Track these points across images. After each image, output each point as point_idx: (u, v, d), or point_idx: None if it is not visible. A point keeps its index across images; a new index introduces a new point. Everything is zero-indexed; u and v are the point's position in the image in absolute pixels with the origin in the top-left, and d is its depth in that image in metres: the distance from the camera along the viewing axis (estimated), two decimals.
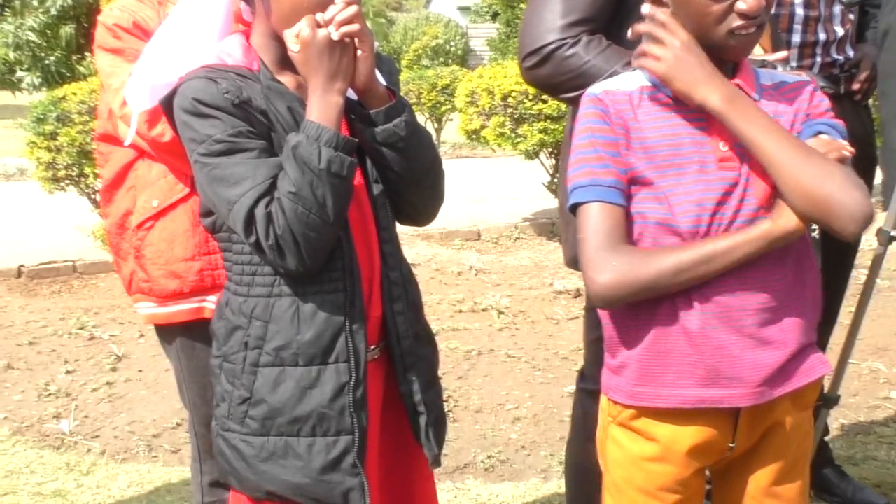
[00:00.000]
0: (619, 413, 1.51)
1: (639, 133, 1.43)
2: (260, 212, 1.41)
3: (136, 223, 2.00)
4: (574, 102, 1.95)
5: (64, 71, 11.07)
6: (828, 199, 1.33)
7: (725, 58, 1.42)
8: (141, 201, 2.00)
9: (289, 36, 1.46)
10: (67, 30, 11.10)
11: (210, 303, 1.97)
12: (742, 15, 1.36)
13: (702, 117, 1.42)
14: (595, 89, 1.48)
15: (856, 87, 2.52)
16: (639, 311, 1.44)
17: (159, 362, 4.18)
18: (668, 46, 1.38)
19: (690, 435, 1.46)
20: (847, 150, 1.42)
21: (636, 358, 1.46)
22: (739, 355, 1.41)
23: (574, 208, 1.45)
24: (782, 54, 1.81)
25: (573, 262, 2.11)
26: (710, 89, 1.37)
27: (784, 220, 1.37)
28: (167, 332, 2.09)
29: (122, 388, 3.93)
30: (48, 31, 11.11)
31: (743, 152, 1.40)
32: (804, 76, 1.54)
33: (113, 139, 2.02)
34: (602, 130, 1.43)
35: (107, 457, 3.30)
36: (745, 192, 1.41)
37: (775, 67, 1.76)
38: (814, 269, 1.50)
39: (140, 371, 4.12)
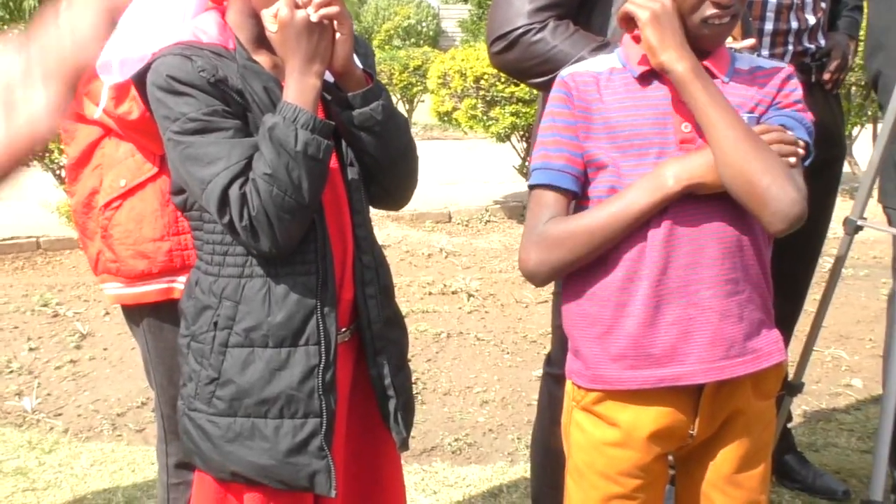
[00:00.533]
0: (583, 397, 1.52)
1: (602, 114, 1.44)
2: (234, 192, 1.39)
3: (102, 202, 1.96)
4: (541, 87, 1.95)
5: None
6: (763, 192, 1.34)
7: (699, 46, 1.42)
8: (108, 180, 1.96)
9: (266, 15, 1.44)
10: (31, 2, 10.91)
11: (179, 283, 1.94)
12: (716, 4, 1.37)
13: (667, 97, 1.43)
14: (564, 72, 1.50)
15: (826, 76, 2.54)
16: (593, 292, 1.46)
17: (125, 340, 4.14)
18: (655, 1, 1.39)
19: (651, 420, 1.47)
20: (799, 150, 1.43)
21: (594, 341, 1.47)
22: (696, 329, 1.42)
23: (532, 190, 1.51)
24: (749, 42, 1.81)
25: None
26: (678, 55, 1.38)
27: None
28: (134, 312, 2.06)
29: (87, 367, 3.89)
30: (11, 4, 10.90)
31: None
32: (783, 63, 1.55)
33: (78, 116, 1.98)
34: (561, 114, 1.47)
35: (70, 435, 3.27)
36: None
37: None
38: (767, 249, 1.51)
39: (105, 349, 4.08)
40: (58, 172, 5.52)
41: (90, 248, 2.06)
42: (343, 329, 1.58)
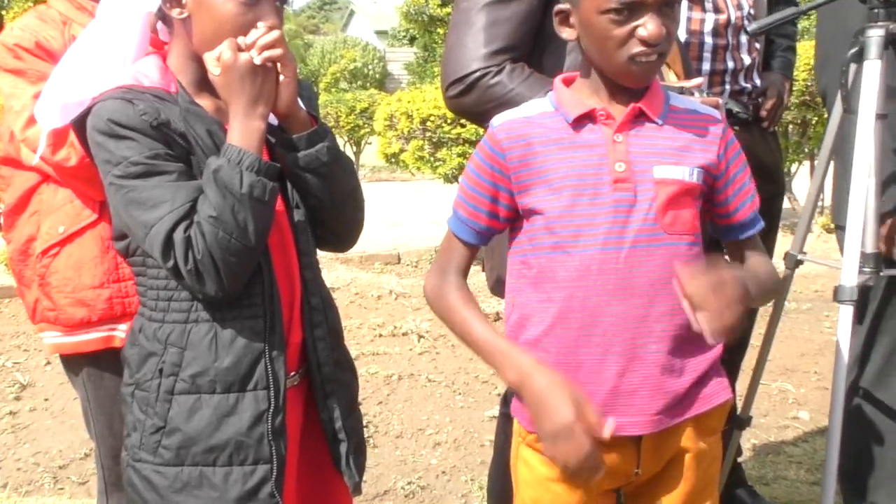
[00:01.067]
0: (527, 435, 1.50)
1: (535, 159, 1.42)
2: (178, 236, 1.37)
3: (40, 250, 1.92)
4: None
5: None
6: None
7: (626, 84, 1.42)
8: (45, 227, 1.92)
9: (209, 59, 1.44)
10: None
11: (120, 331, 1.91)
12: (643, 42, 1.36)
13: (602, 139, 1.42)
14: (495, 121, 1.48)
15: (763, 114, 2.61)
16: (540, 339, 1.44)
17: (66, 391, 4.03)
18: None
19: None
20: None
21: None
22: (640, 383, 1.41)
23: None
24: (698, 80, 1.85)
25: (496, 286, 2.11)
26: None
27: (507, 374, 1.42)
28: (73, 362, 2.01)
29: (27, 418, 3.78)
30: None
31: (640, 172, 1.41)
32: (716, 111, 1.57)
33: (15, 162, 1.94)
34: (481, 169, 1.47)
35: (9, 490, 3.16)
36: (646, 214, 1.41)
37: (692, 94, 1.80)
38: None
39: (46, 400, 3.97)
40: None
41: (27, 297, 2.01)
42: (292, 373, 1.56)
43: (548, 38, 1.88)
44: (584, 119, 1.43)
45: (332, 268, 6.12)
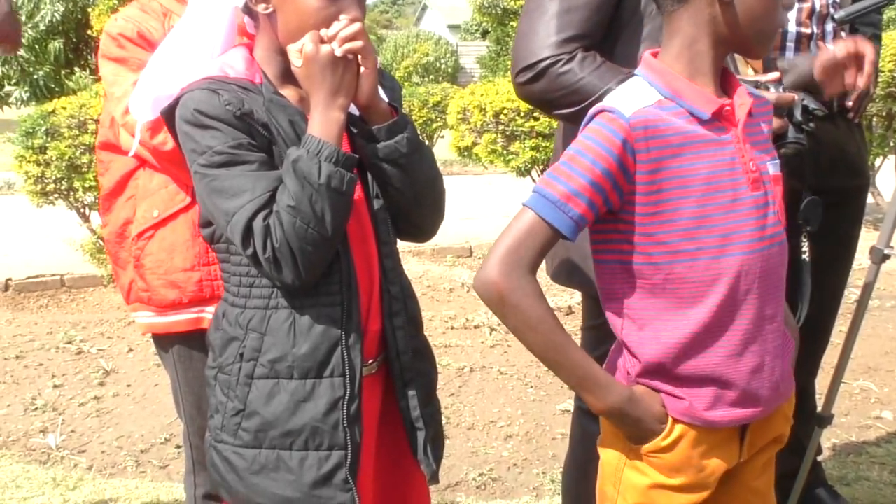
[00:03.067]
0: (630, 452, 1.45)
1: (670, 159, 1.34)
2: (258, 224, 1.40)
3: (135, 232, 1.99)
4: (568, 119, 1.94)
5: (52, 85, 11.08)
6: None
7: (757, 55, 1.45)
8: (141, 211, 1.99)
9: (292, 51, 1.46)
10: (56, 44, 11.11)
11: (208, 313, 1.96)
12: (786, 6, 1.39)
13: (728, 136, 1.37)
14: (624, 109, 1.34)
15: (849, 104, 2.53)
16: (678, 345, 1.39)
17: (148, 377, 4.15)
18: None
19: (727, 459, 1.45)
20: None
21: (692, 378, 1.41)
22: (766, 376, 1.42)
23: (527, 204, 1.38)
24: (775, 75, 1.81)
25: (556, 274, 2.10)
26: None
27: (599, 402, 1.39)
28: (165, 341, 2.08)
29: (110, 403, 3.90)
30: (37, 46, 11.11)
31: (762, 169, 1.40)
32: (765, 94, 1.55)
33: (114, 147, 2.02)
34: (603, 160, 1.33)
35: (94, 472, 3.27)
36: (775, 213, 1.41)
37: (768, 88, 1.76)
38: None
39: (129, 386, 4.09)
40: (82, 210, 5.58)
41: (123, 278, 2.08)
42: (370, 361, 1.58)
43: (621, 28, 1.86)
44: (715, 115, 1.37)
45: (404, 260, 6.10)
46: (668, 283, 1.38)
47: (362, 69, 1.48)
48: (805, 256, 1.92)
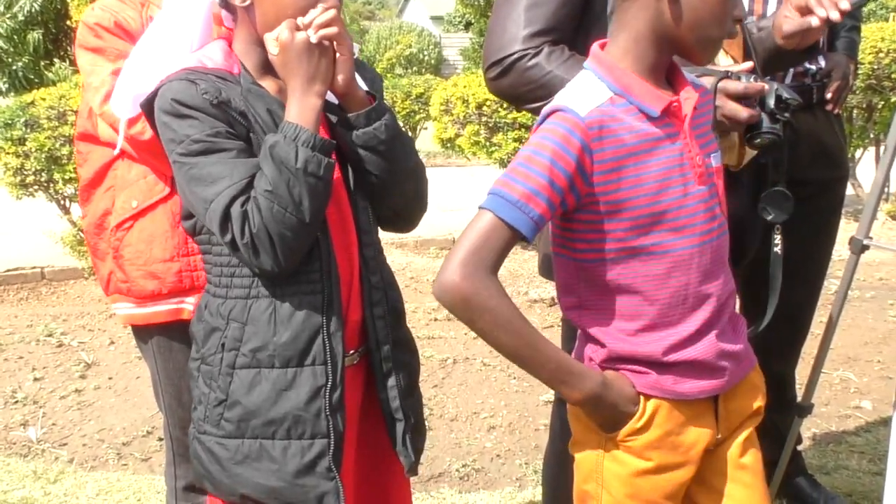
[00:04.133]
0: (608, 441, 1.46)
1: (626, 158, 1.34)
2: (236, 210, 1.40)
3: (114, 223, 1.98)
4: (538, 112, 1.94)
5: (32, 77, 10.97)
6: None
7: (699, 60, 1.42)
8: (120, 201, 1.98)
9: (268, 39, 1.47)
10: (35, 35, 10.99)
11: (188, 304, 1.96)
12: (736, 20, 1.40)
13: (676, 131, 1.38)
14: (579, 109, 1.34)
15: (828, 96, 2.54)
16: (639, 333, 1.42)
17: (129, 369, 4.12)
18: None
19: (707, 432, 1.47)
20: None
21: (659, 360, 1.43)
22: (729, 348, 1.46)
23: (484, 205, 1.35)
24: (748, 65, 1.80)
25: (541, 267, 2.11)
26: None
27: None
28: (144, 333, 2.07)
29: (92, 396, 3.88)
30: (15, 37, 10.99)
31: (707, 162, 1.42)
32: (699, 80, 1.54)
33: (93, 138, 2.01)
34: (562, 159, 1.31)
35: (75, 465, 3.25)
36: (719, 205, 1.44)
37: (739, 78, 1.76)
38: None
39: (110, 378, 4.07)
40: (62, 202, 5.54)
41: (102, 269, 2.07)
42: (351, 351, 1.58)
43: (593, 21, 1.86)
44: (664, 111, 1.37)
45: (387, 252, 6.07)
46: (622, 278, 1.40)
47: (338, 56, 1.48)
48: (777, 249, 1.93)
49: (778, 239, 1.92)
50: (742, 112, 1.59)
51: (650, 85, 1.37)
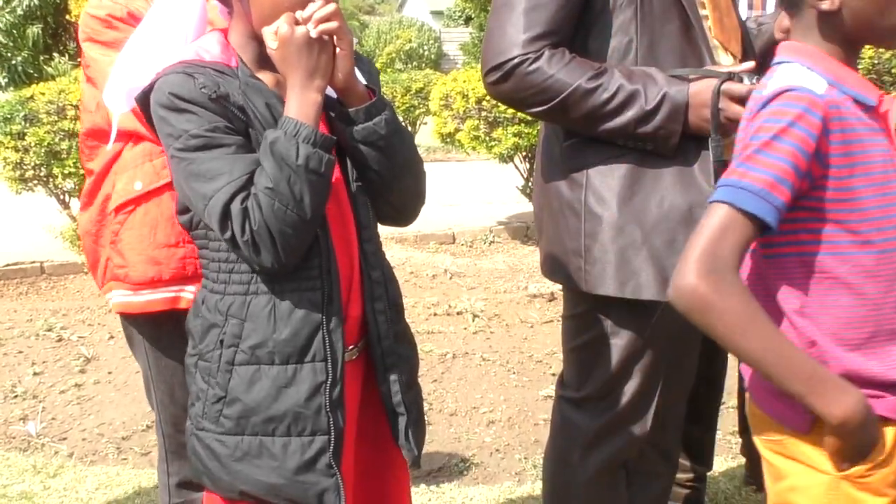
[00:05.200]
0: (842, 473, 1.30)
1: (855, 143, 1.27)
2: (236, 207, 1.39)
3: (113, 206, 1.95)
4: (541, 117, 1.91)
5: (31, 71, 10.96)
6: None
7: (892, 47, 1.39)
8: (120, 184, 1.95)
9: (267, 33, 1.45)
10: (34, 30, 10.99)
11: (188, 292, 1.93)
12: None
13: (881, 126, 1.32)
14: (815, 87, 1.26)
15: None
16: (863, 344, 1.31)
17: (129, 364, 4.12)
18: None
19: None
20: None
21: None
22: None
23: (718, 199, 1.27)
24: (750, 64, 1.79)
25: (542, 266, 2.08)
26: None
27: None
28: (136, 326, 2.04)
29: (91, 390, 3.88)
30: (14, 32, 10.98)
31: None
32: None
33: (102, 134, 1.97)
34: (804, 142, 1.23)
35: (74, 459, 3.25)
36: None
37: (741, 79, 1.74)
38: None
39: (109, 373, 4.07)
40: (62, 197, 5.53)
41: (100, 256, 2.03)
42: (351, 346, 1.57)
43: (593, 21, 1.84)
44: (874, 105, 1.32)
45: (387, 247, 6.08)
46: (851, 276, 1.29)
47: (338, 50, 1.47)
48: None
49: None
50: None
51: (859, 77, 1.32)
